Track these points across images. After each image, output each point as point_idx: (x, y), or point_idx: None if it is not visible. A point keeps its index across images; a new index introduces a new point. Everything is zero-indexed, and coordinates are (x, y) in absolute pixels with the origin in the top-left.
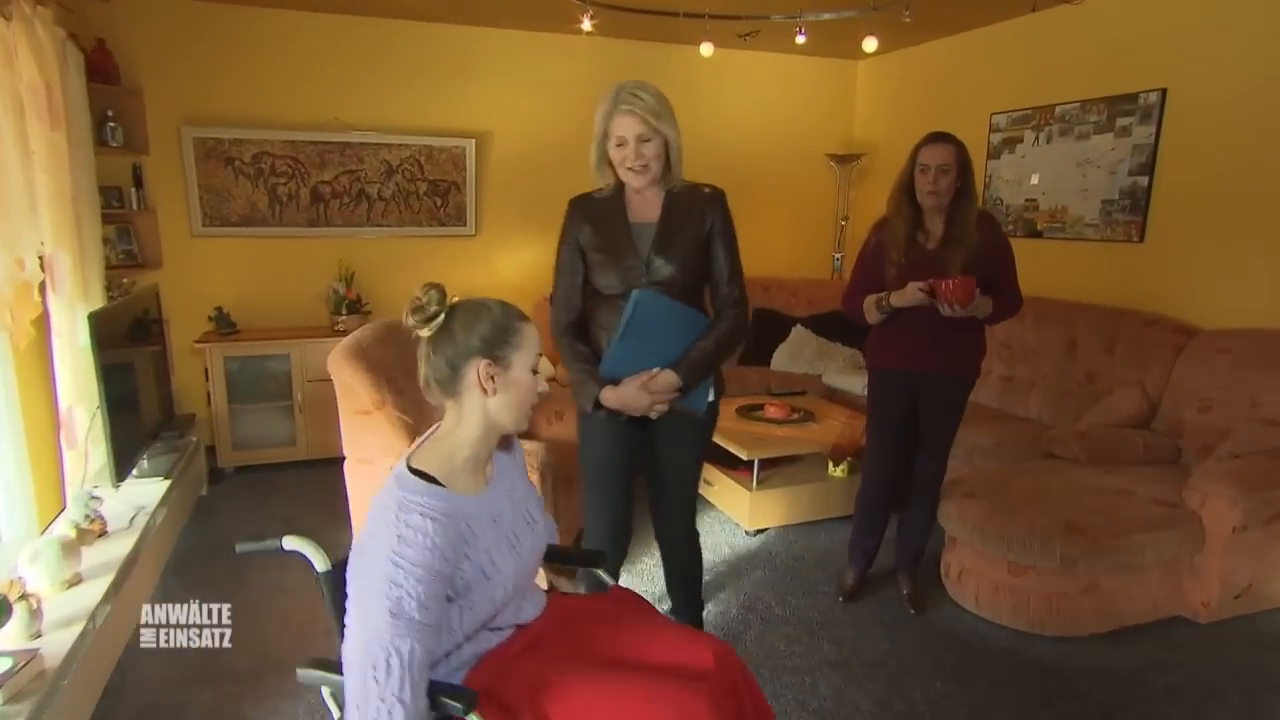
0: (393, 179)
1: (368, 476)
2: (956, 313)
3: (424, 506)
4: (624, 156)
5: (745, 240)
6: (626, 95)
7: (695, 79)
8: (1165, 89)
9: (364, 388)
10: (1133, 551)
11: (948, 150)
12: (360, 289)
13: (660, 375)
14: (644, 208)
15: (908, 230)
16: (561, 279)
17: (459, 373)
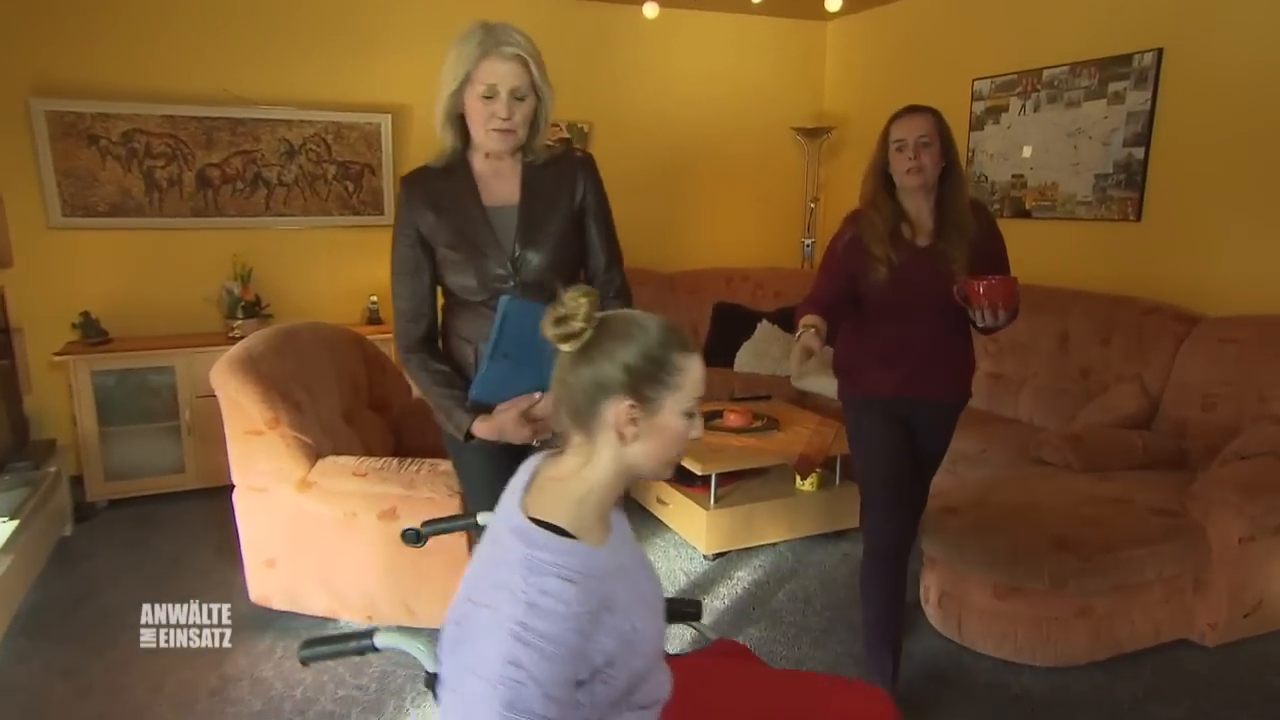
0: (295, 161)
1: (261, 506)
2: (999, 321)
3: (561, 567)
4: (492, 112)
5: (702, 227)
6: (505, 35)
7: (639, 43)
8: (1161, 49)
9: (254, 404)
10: (1130, 568)
11: (925, 120)
12: (259, 289)
13: (543, 400)
14: (499, 186)
15: (890, 222)
16: (401, 282)
17: (596, 408)
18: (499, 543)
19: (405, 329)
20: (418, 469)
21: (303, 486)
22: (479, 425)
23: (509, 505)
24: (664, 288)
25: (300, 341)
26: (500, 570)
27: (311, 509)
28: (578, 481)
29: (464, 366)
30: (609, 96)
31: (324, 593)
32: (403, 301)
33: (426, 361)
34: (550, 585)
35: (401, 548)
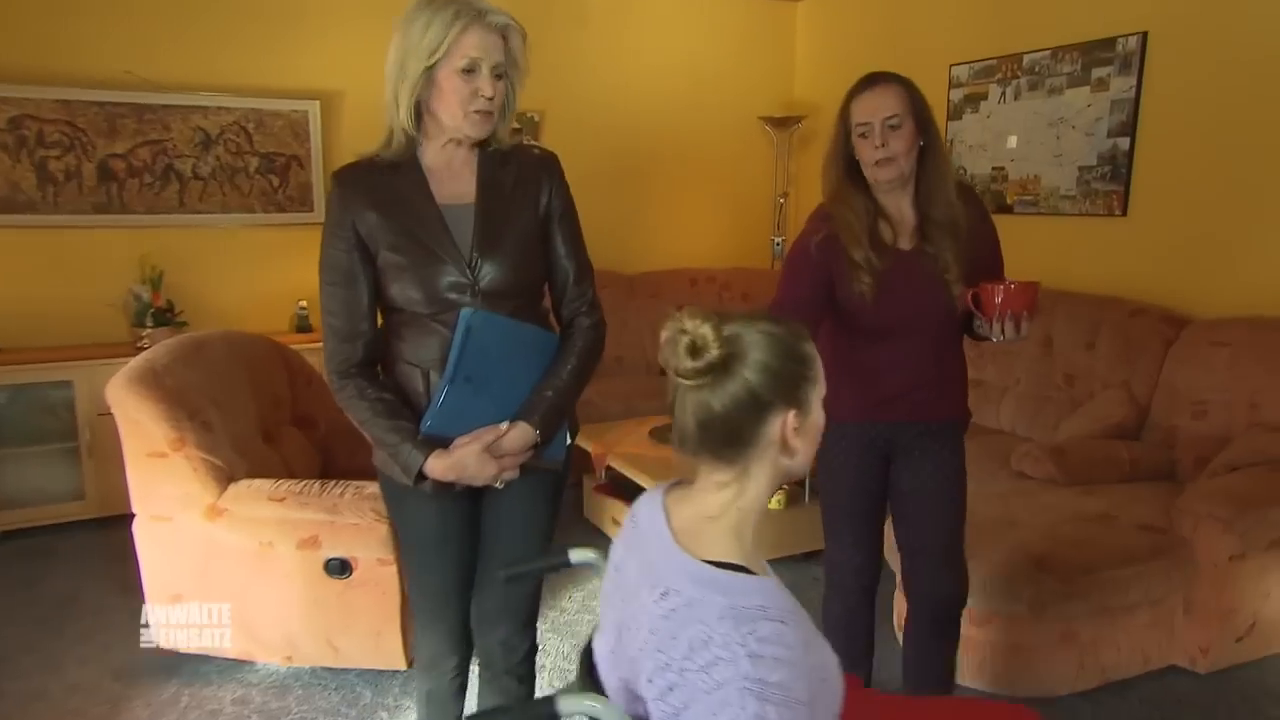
0: (212, 152)
1: (165, 536)
2: (1020, 334)
3: (767, 609)
4: (474, 90)
5: (663, 225)
6: (482, 4)
7: (592, 24)
8: (1146, 33)
9: (156, 423)
10: (1114, 590)
11: (891, 94)
12: (172, 294)
13: (512, 431)
14: (452, 181)
15: (865, 221)
16: (333, 294)
17: (756, 429)
18: (679, 595)
19: (338, 350)
20: (341, 492)
21: (212, 514)
22: (434, 463)
23: (666, 552)
24: (623, 291)
25: (212, 352)
26: (695, 627)
27: (222, 539)
28: (734, 513)
29: (411, 395)
30: (560, 82)
31: (237, 632)
32: (335, 317)
33: (365, 389)
34: (765, 631)
35: (324, 580)
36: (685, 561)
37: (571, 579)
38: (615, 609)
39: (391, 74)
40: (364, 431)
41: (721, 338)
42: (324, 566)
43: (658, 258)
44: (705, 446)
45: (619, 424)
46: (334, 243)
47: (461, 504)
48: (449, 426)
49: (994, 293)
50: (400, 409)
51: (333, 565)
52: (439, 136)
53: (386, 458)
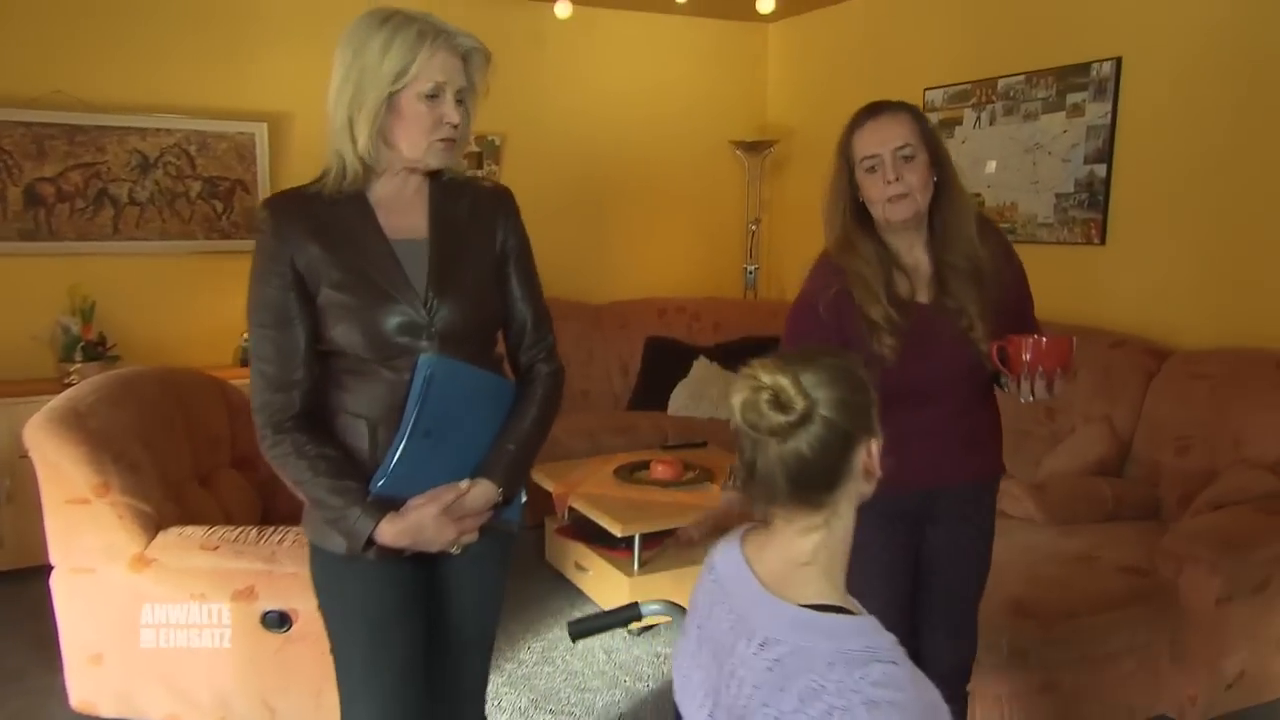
0: (150, 176)
1: (86, 590)
2: (1052, 395)
3: (876, 650)
4: (439, 117)
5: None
6: (445, 24)
7: (558, 46)
8: (1120, 58)
9: (78, 467)
10: (1096, 637)
11: (900, 122)
12: (104, 326)
13: (474, 490)
14: (401, 215)
15: (881, 272)
16: (265, 338)
17: (846, 466)
18: (780, 644)
19: (272, 400)
20: (280, 539)
21: (138, 565)
22: (386, 528)
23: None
24: (589, 321)
25: (142, 390)
26: (805, 677)
27: (150, 591)
28: (824, 554)
29: (355, 451)
30: (524, 105)
31: (164, 692)
32: (268, 364)
33: (303, 445)
34: (877, 675)
35: (261, 634)
36: (782, 608)
37: (529, 628)
38: (704, 668)
39: (343, 100)
40: (301, 493)
41: (801, 385)
42: (261, 620)
43: (625, 287)
44: (796, 496)
45: (583, 462)
46: (267, 279)
47: (416, 571)
48: (404, 486)
49: (1022, 347)
50: (345, 467)
51: (270, 618)
52: (392, 167)
53: (320, 526)
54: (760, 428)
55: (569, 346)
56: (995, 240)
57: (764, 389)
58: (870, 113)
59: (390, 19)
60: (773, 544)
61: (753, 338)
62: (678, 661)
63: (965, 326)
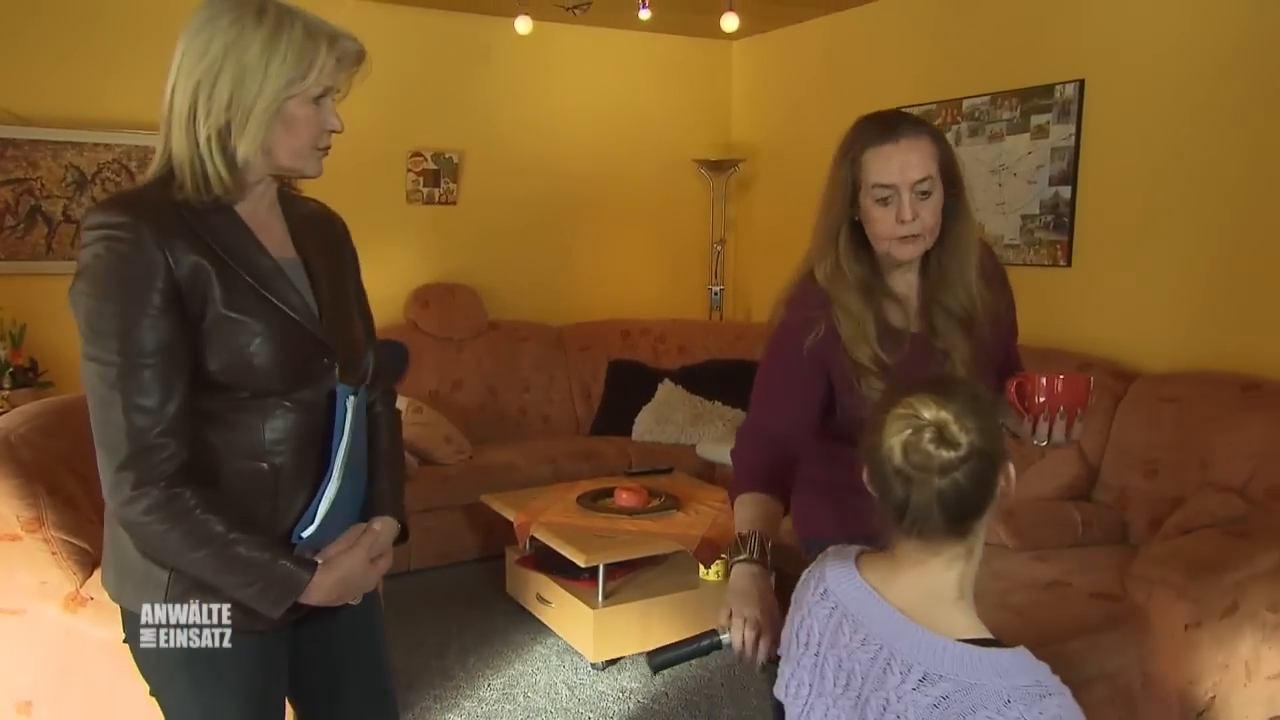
0: (87, 192)
1: (15, 632)
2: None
3: (1044, 684)
4: (323, 122)
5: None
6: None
7: (516, 61)
8: (1083, 80)
9: (7, 501)
10: (1068, 663)
11: (923, 150)
12: (35, 351)
13: (381, 527)
14: (265, 230)
15: (872, 307)
16: (133, 378)
17: (992, 491)
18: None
19: (149, 451)
20: None
21: (73, 604)
22: (321, 579)
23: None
24: (550, 344)
25: (78, 418)
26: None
27: (85, 632)
28: (967, 584)
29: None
30: (482, 122)
31: None
32: (146, 403)
33: (196, 504)
34: (1052, 709)
35: None
36: (939, 643)
37: (489, 664)
38: (832, 697)
39: (210, 102)
40: (187, 564)
41: (960, 418)
42: None
43: (588, 308)
44: (950, 528)
45: (545, 489)
46: (130, 297)
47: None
48: (329, 533)
49: (1039, 384)
50: (245, 522)
51: None
52: (254, 178)
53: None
54: (929, 467)
55: (530, 370)
56: (995, 276)
57: (926, 426)
58: (888, 132)
59: (266, 11)
60: (907, 574)
61: (719, 360)
62: (794, 692)
63: (947, 370)
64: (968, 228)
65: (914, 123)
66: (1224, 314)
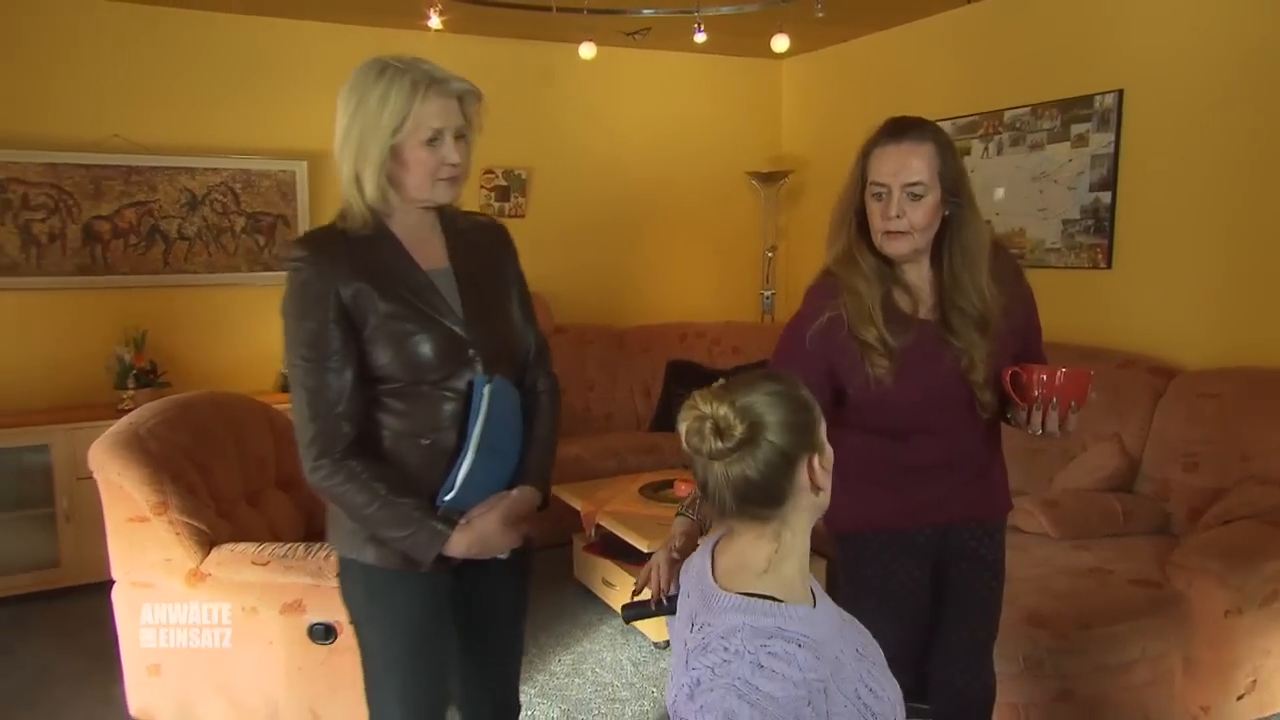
0: (198, 212)
1: (146, 605)
2: (1064, 431)
3: (785, 630)
4: (440, 158)
5: (653, 280)
6: (435, 69)
7: (580, 83)
8: (1122, 90)
9: (138, 487)
10: (1111, 646)
11: (921, 154)
12: (155, 355)
13: (520, 495)
14: (425, 249)
15: (879, 291)
16: (314, 370)
17: (789, 481)
18: (711, 626)
19: (323, 431)
20: (326, 554)
21: (194, 579)
22: (458, 538)
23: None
24: (613, 345)
25: (197, 414)
26: (716, 640)
27: (205, 604)
28: (778, 561)
29: (411, 471)
30: (549, 140)
31: (219, 702)
32: (317, 395)
33: (359, 472)
34: (778, 648)
35: (308, 646)
36: (721, 596)
37: (559, 641)
38: (679, 641)
39: (348, 152)
40: (362, 519)
41: (740, 413)
42: (308, 632)
43: (648, 312)
44: (744, 511)
45: (609, 481)
46: (312, 314)
47: (454, 582)
48: (466, 498)
49: (1036, 377)
50: (404, 487)
51: (317, 630)
52: (405, 204)
53: (353, 540)
54: (703, 452)
55: (594, 370)
56: (1007, 271)
57: (705, 418)
58: (893, 134)
59: (385, 71)
60: (733, 547)
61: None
62: (674, 637)
63: (965, 367)
64: (974, 235)
65: (922, 128)
66: (1260, 311)
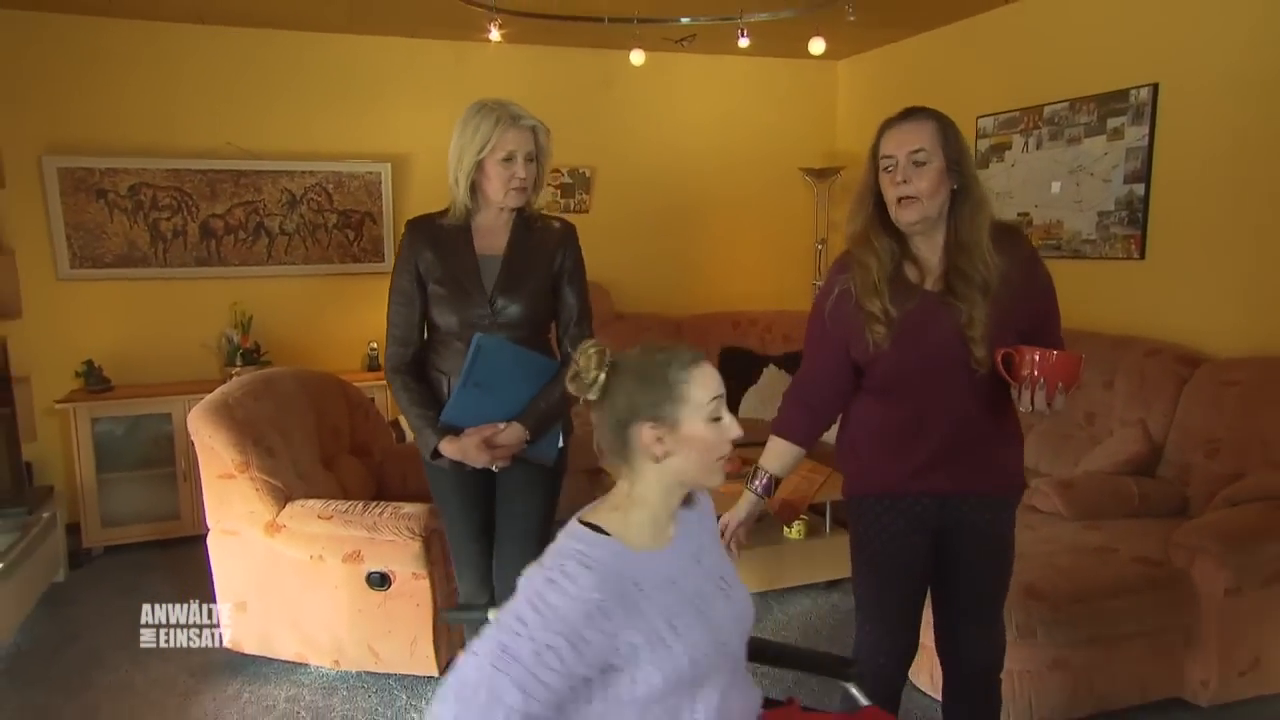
0: (297, 210)
1: (233, 549)
2: (1050, 410)
3: (584, 555)
4: (512, 173)
5: (707, 271)
6: (516, 109)
7: (640, 87)
8: (1157, 84)
9: (226, 449)
10: (1105, 620)
11: (922, 129)
12: (259, 336)
13: (506, 430)
14: (491, 238)
15: (888, 266)
16: (397, 311)
17: (625, 439)
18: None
19: (395, 352)
20: (381, 512)
21: (271, 530)
22: (445, 445)
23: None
24: (670, 332)
25: (280, 387)
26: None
27: (280, 552)
28: (629, 501)
29: (437, 394)
30: (611, 140)
31: (294, 636)
32: (396, 328)
33: (408, 383)
34: (570, 568)
35: (366, 591)
36: (571, 521)
37: None
38: None
39: (452, 163)
40: (402, 412)
41: (602, 364)
42: (366, 579)
43: (704, 301)
44: (605, 450)
45: None
46: (402, 273)
47: (479, 478)
48: (461, 419)
49: (1027, 357)
50: (430, 401)
51: (373, 578)
52: (488, 205)
53: (418, 441)
54: (576, 395)
55: None
56: (1019, 252)
57: (575, 365)
58: (900, 117)
59: (482, 109)
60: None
61: None
62: None
63: (964, 323)
64: (975, 207)
65: (925, 110)
66: None
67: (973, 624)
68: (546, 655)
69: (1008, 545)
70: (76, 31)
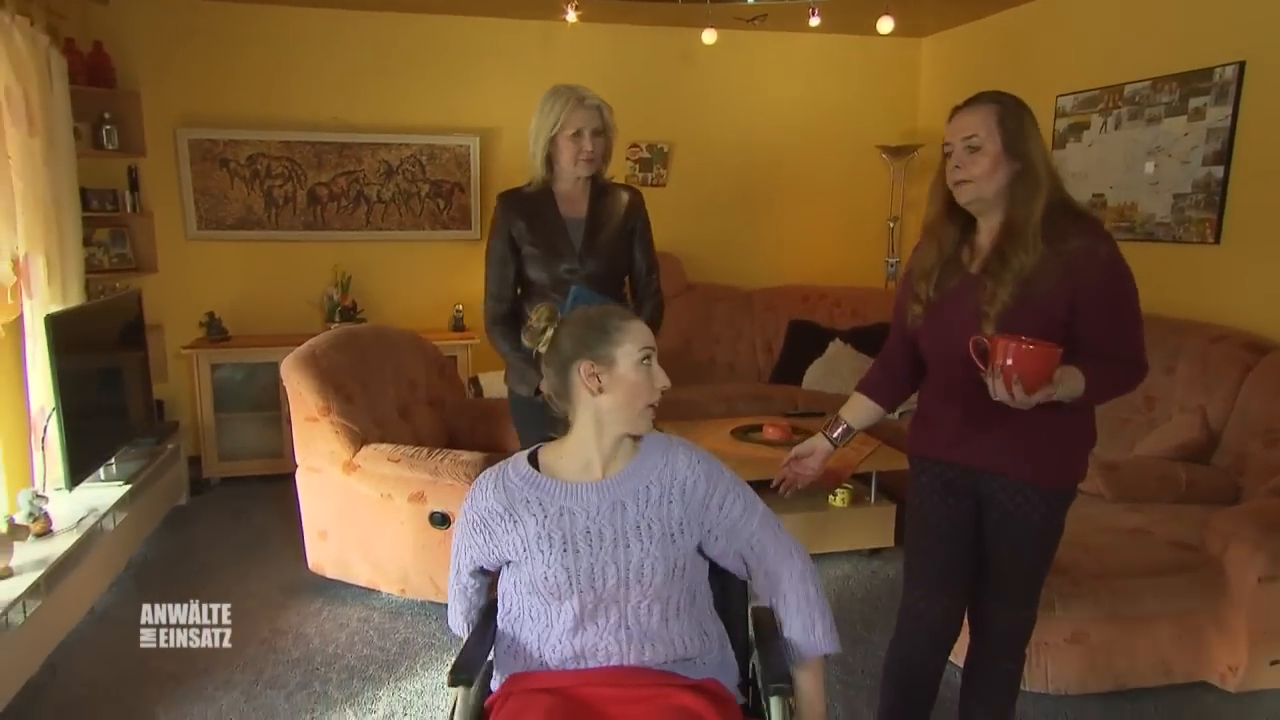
0: (393, 180)
1: (316, 484)
2: (1017, 400)
3: (501, 473)
4: (580, 148)
5: (778, 245)
6: (584, 91)
7: (718, 65)
8: (1244, 63)
9: (310, 394)
10: (1126, 598)
11: (979, 114)
12: (357, 295)
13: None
14: (572, 204)
15: (948, 250)
16: (493, 271)
17: (567, 379)
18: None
19: (492, 307)
20: (443, 458)
21: (348, 469)
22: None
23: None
24: (741, 305)
25: (362, 342)
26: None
27: (356, 489)
28: (569, 439)
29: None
30: (689, 117)
31: (366, 565)
32: (492, 285)
33: (506, 332)
34: (483, 481)
35: (429, 529)
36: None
37: None
38: None
39: (531, 140)
40: (504, 359)
41: (552, 319)
42: (429, 518)
43: (776, 274)
44: (554, 397)
45: (712, 422)
46: (496, 239)
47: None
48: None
49: (999, 345)
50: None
51: (435, 517)
52: (563, 175)
53: (517, 380)
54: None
55: (720, 326)
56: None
57: (531, 318)
58: (964, 104)
59: (556, 92)
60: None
61: (886, 323)
62: None
63: (985, 299)
64: (1029, 190)
65: (988, 96)
66: None
67: (993, 601)
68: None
69: (1035, 533)
70: (206, 16)
